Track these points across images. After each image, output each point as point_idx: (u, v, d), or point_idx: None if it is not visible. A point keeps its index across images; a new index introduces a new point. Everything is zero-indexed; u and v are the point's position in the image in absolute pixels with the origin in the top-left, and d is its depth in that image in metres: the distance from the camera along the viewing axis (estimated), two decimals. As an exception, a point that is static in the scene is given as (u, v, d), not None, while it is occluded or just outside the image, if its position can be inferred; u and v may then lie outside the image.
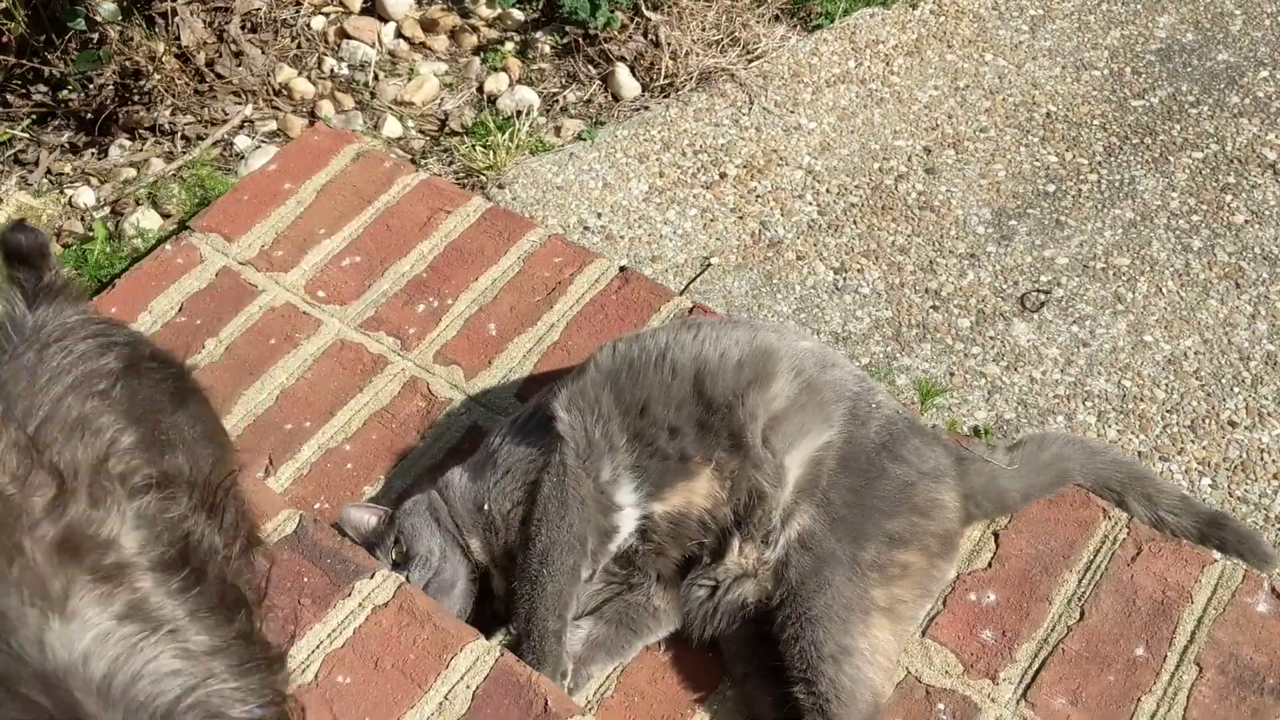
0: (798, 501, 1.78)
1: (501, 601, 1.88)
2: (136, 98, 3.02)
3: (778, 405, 1.81)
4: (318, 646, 1.71)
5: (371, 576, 1.76)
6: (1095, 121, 2.95)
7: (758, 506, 1.78)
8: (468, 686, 1.67)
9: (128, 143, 3.05)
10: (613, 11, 3.15)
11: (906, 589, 1.76)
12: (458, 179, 2.92)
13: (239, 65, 3.14)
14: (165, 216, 2.85)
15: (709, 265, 2.69)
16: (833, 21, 3.25)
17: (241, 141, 3.03)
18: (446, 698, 1.66)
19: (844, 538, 1.74)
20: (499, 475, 1.87)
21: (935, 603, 1.84)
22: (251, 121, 3.09)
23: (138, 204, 2.88)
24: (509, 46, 3.24)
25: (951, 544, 1.83)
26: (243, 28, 3.19)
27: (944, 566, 1.83)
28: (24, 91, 3.09)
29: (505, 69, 3.19)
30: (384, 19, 3.30)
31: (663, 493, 1.80)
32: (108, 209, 2.90)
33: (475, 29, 3.32)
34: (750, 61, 3.15)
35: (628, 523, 1.81)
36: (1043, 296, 2.59)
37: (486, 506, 1.86)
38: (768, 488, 1.77)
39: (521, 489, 1.85)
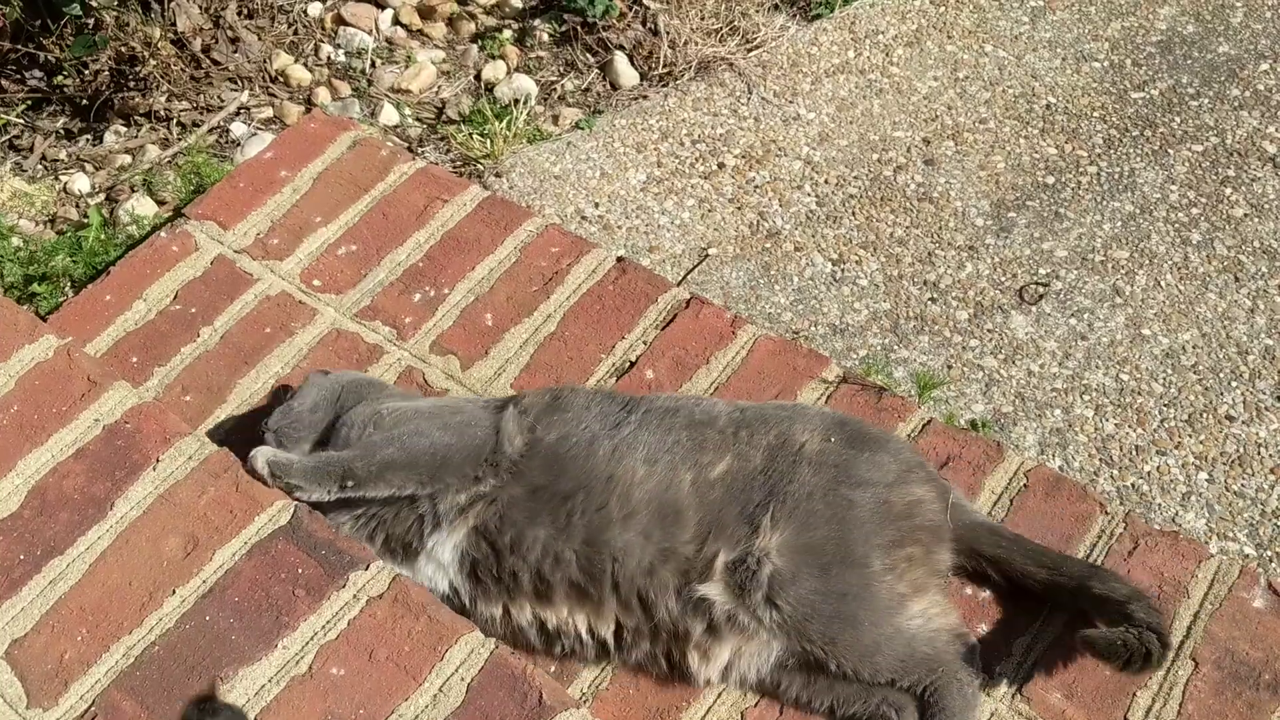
0: (753, 595, 1.71)
1: None
2: (132, 84, 3.00)
3: (689, 557, 1.74)
4: (312, 638, 1.70)
5: (366, 568, 1.76)
6: (1095, 113, 2.94)
7: (694, 632, 1.75)
8: (462, 679, 1.66)
9: (123, 129, 3.03)
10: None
11: (919, 572, 1.76)
12: (454, 167, 2.90)
13: (235, 52, 3.12)
14: (160, 203, 2.84)
15: (707, 256, 2.69)
16: (832, 11, 3.24)
17: (237, 128, 3.01)
18: (441, 690, 1.65)
19: (845, 570, 1.73)
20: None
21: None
22: (248, 108, 3.07)
23: (133, 191, 2.86)
24: (507, 34, 3.23)
25: (941, 532, 1.81)
26: (239, 14, 3.17)
27: (941, 550, 1.81)
28: (19, 77, 3.07)
29: (503, 57, 3.18)
30: (381, 5, 3.28)
31: (552, 602, 1.78)
32: (103, 196, 2.89)
33: (473, 16, 3.30)
34: (749, 51, 3.14)
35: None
36: (1041, 289, 2.58)
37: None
38: (695, 622, 1.74)
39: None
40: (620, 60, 3.11)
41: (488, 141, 2.92)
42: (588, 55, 3.16)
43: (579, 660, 1.81)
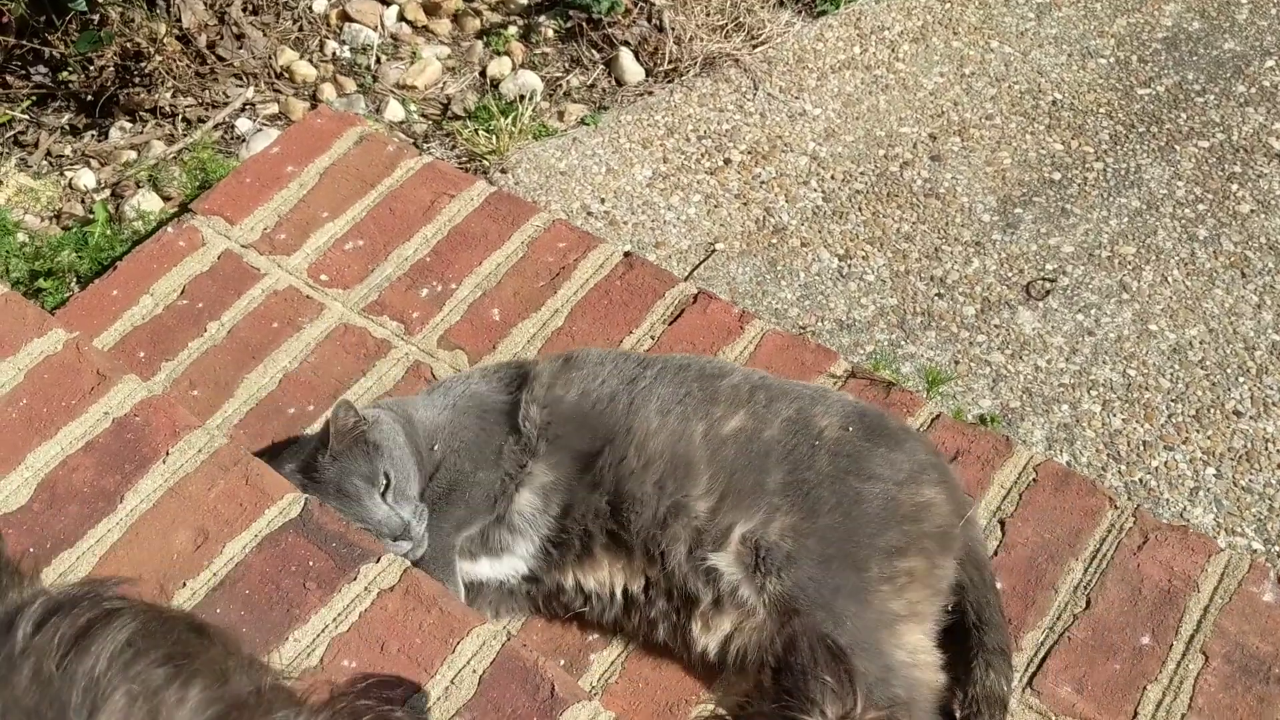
0: (762, 574, 1.72)
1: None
2: (137, 80, 3.00)
3: (702, 517, 1.75)
4: (323, 630, 1.70)
5: (377, 560, 1.76)
6: (1101, 110, 2.94)
7: (703, 599, 1.76)
8: (474, 671, 1.66)
9: (128, 125, 3.03)
10: (617, -4, 3.13)
11: (919, 592, 1.72)
12: (460, 164, 2.90)
13: (240, 48, 3.12)
14: (166, 199, 2.83)
15: (714, 251, 2.68)
16: (838, 7, 3.24)
17: (243, 124, 3.01)
18: (453, 682, 1.65)
19: (843, 569, 1.70)
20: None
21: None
22: (253, 104, 3.07)
23: (138, 186, 2.86)
24: (512, 30, 3.22)
25: (949, 540, 1.77)
26: (244, 10, 3.17)
27: (945, 564, 1.76)
28: (24, 73, 3.07)
29: (508, 53, 3.18)
30: (386, 2, 3.28)
31: (578, 565, 1.84)
32: (108, 191, 2.88)
33: (478, 12, 3.30)
34: (755, 47, 3.14)
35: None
36: (1048, 285, 2.58)
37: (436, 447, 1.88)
38: (704, 589, 1.74)
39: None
40: (626, 56, 3.11)
41: (493, 138, 2.92)
42: (593, 51, 3.16)
43: (606, 621, 1.83)
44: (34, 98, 3.05)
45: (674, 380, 1.87)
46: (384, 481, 1.80)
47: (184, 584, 1.76)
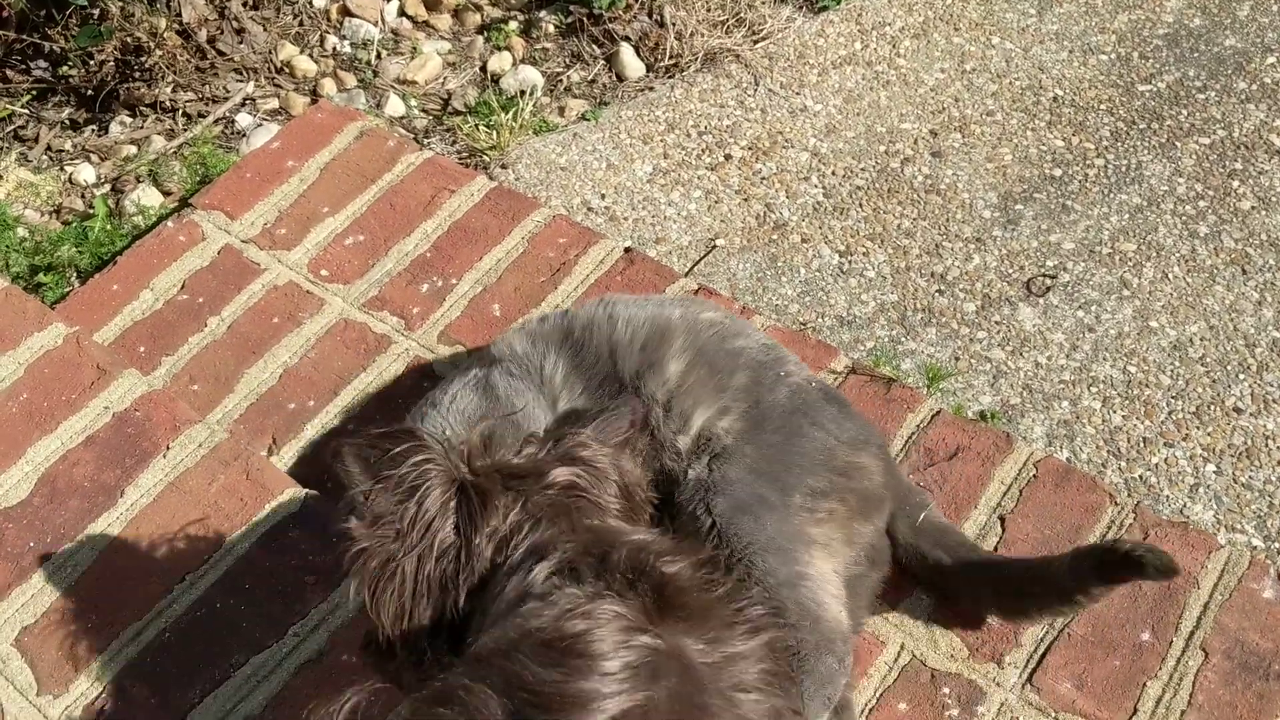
0: (695, 461, 1.77)
1: None
2: (137, 74, 3.00)
3: (671, 385, 1.80)
4: (322, 624, 1.70)
5: (376, 556, 1.75)
6: (1102, 106, 2.94)
7: (666, 478, 1.78)
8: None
9: (128, 120, 3.02)
10: (618, -9, 3.13)
11: (834, 530, 1.74)
12: (460, 159, 2.90)
13: (240, 42, 3.12)
14: (166, 194, 2.83)
15: (714, 247, 2.68)
16: (839, 3, 3.23)
17: (243, 119, 3.01)
18: (452, 677, 1.65)
19: (770, 486, 1.73)
20: None
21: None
22: (253, 99, 3.07)
23: (138, 181, 2.86)
24: (512, 25, 3.22)
25: (871, 503, 1.79)
26: (244, 4, 3.17)
27: (864, 527, 1.78)
28: (24, 67, 3.07)
29: (509, 48, 3.17)
30: (387, -3, 3.28)
31: None
32: (108, 186, 2.88)
33: (479, 7, 3.29)
34: (756, 42, 3.13)
35: None
36: (1048, 281, 2.58)
37: None
38: (669, 461, 1.78)
39: None
40: (626, 52, 3.11)
41: (494, 133, 2.91)
42: (593, 47, 3.16)
43: None
44: (34, 92, 3.05)
45: (649, 299, 1.94)
46: None
47: (183, 578, 1.76)
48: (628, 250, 2.36)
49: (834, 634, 1.64)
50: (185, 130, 2.97)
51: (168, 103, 3.01)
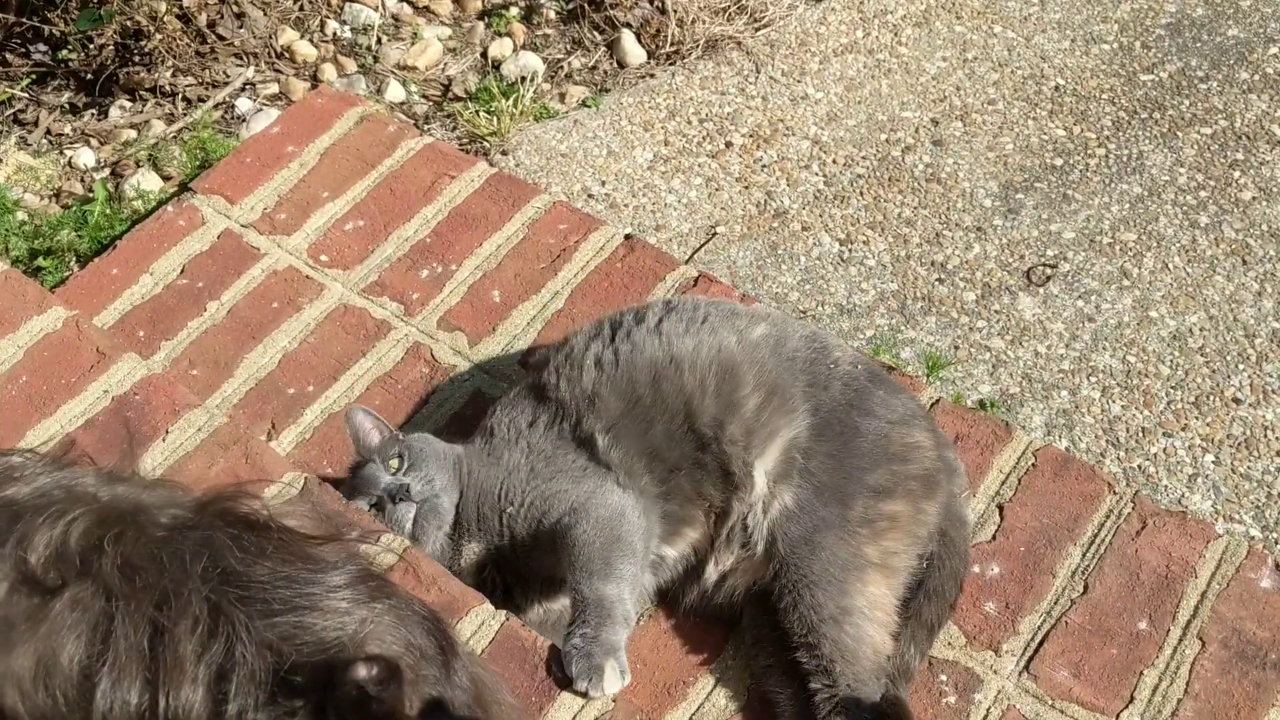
0: (775, 491, 1.76)
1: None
2: (137, 58, 2.99)
3: (749, 421, 1.77)
4: (322, 610, 1.70)
5: (376, 540, 1.75)
6: (1104, 95, 2.93)
7: (735, 522, 1.77)
8: (473, 650, 1.66)
9: (128, 104, 3.02)
10: (619, -23, 3.12)
11: (897, 540, 1.75)
12: (461, 145, 2.89)
13: (241, 27, 3.11)
14: (166, 178, 2.83)
15: (714, 235, 2.68)
16: (841, -9, 3.22)
17: (243, 104, 3.00)
18: (450, 662, 1.65)
19: (830, 501, 1.74)
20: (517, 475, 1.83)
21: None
22: (253, 84, 3.06)
23: (138, 165, 2.86)
24: (513, 11, 3.21)
25: (933, 484, 1.80)
26: (245, -12, 3.16)
27: (929, 508, 1.79)
28: (24, 51, 3.06)
29: (509, 34, 3.17)
30: (387, -18, 3.27)
31: (672, 538, 1.81)
32: (108, 170, 2.88)
33: (480, -7, 3.28)
34: (758, 30, 3.13)
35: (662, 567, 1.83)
36: (1049, 271, 2.58)
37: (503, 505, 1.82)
38: (743, 505, 1.76)
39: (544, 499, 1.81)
40: (627, 38, 3.10)
41: (494, 119, 2.91)
42: (595, 33, 3.15)
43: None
44: (34, 76, 3.04)
45: (685, 310, 1.88)
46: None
47: (183, 562, 1.76)
48: (628, 237, 2.36)
49: (866, 674, 1.67)
50: (185, 115, 2.96)
51: (167, 87, 3.00)
